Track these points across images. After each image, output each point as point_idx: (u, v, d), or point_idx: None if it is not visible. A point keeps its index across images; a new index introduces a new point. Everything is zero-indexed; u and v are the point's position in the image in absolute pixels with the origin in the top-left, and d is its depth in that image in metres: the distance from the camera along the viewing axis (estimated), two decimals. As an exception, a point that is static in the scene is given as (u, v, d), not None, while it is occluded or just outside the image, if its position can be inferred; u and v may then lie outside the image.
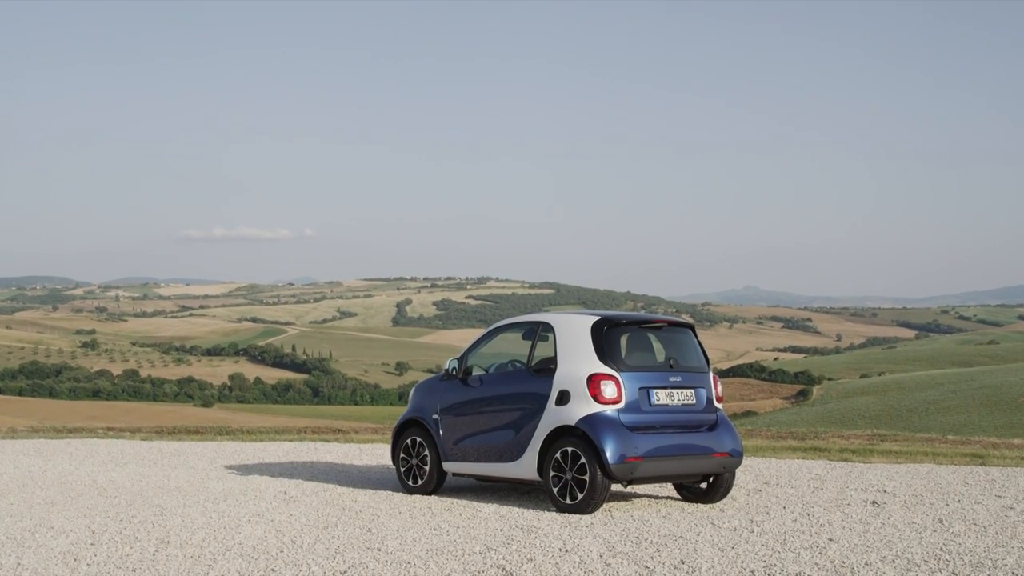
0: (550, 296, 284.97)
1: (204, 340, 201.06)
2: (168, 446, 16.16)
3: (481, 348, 10.62)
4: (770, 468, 12.65)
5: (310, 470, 12.75)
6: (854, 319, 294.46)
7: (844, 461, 13.40)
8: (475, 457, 10.18)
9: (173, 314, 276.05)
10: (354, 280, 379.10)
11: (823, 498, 10.10)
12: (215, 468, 13.04)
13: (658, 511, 9.36)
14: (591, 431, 9.11)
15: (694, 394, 9.74)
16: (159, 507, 9.54)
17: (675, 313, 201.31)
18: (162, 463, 13.72)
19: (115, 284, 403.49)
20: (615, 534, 8.09)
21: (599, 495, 9.11)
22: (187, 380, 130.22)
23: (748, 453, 14.05)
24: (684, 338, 10.11)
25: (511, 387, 9.99)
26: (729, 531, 8.25)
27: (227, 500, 9.96)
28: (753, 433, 17.80)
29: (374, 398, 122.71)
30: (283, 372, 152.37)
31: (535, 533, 8.13)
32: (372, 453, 15.03)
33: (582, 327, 9.64)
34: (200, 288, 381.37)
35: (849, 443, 15.51)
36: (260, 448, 15.77)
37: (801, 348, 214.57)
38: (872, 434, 17.16)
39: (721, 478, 9.86)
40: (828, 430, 18.59)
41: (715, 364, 58.11)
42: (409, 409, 10.99)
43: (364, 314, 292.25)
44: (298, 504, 9.73)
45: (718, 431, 9.75)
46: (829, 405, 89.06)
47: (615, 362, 9.42)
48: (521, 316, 10.61)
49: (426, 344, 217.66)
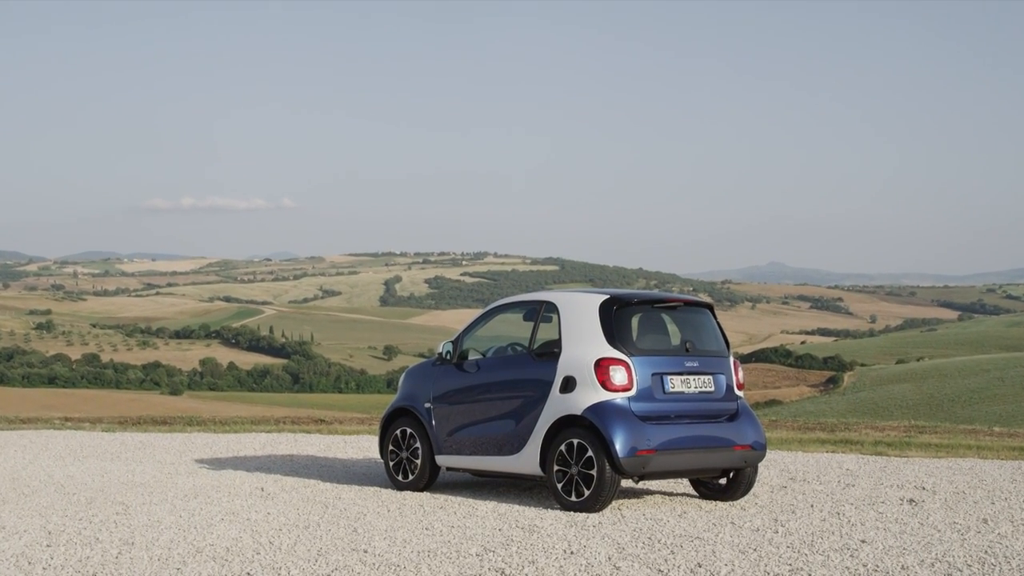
0: (554, 273, 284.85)
1: (172, 321, 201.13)
2: (132, 438, 16.19)
3: (478, 330, 10.62)
4: (796, 462, 12.68)
5: (289, 464, 12.78)
6: (890, 299, 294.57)
7: (878, 455, 13.43)
8: (471, 450, 10.20)
9: (137, 292, 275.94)
10: (338, 255, 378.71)
11: (855, 495, 10.12)
12: (184, 462, 13.07)
13: (672, 509, 9.39)
14: (599, 421, 9.13)
15: (712, 381, 9.75)
16: (122, 505, 9.57)
17: (692, 292, 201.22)
18: (126, 457, 13.75)
19: (73, 259, 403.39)
20: (625, 535, 8.11)
21: (608, 492, 9.13)
22: (153, 365, 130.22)
23: (772, 446, 14.09)
24: (702, 319, 10.11)
25: (511, 373, 10.00)
26: (751, 531, 8.27)
27: (198, 497, 9.98)
28: (778, 424, 17.84)
29: (360, 385, 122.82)
30: (260, 357, 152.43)
31: (537, 533, 8.15)
32: (358, 446, 15.06)
33: (589, 307, 9.64)
34: (167, 264, 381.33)
35: (884, 435, 15.54)
36: (234, 440, 15.80)
37: (831, 331, 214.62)
38: (909, 425, 17.20)
39: (742, 473, 9.88)
40: (861, 421, 18.63)
41: (736, 348, 57.99)
42: (398, 397, 11.00)
43: (349, 293, 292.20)
44: (276, 502, 9.76)
45: (739, 421, 9.77)
46: (862, 393, 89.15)
47: (625, 345, 9.42)
48: (522, 295, 10.61)
49: (417, 326, 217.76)
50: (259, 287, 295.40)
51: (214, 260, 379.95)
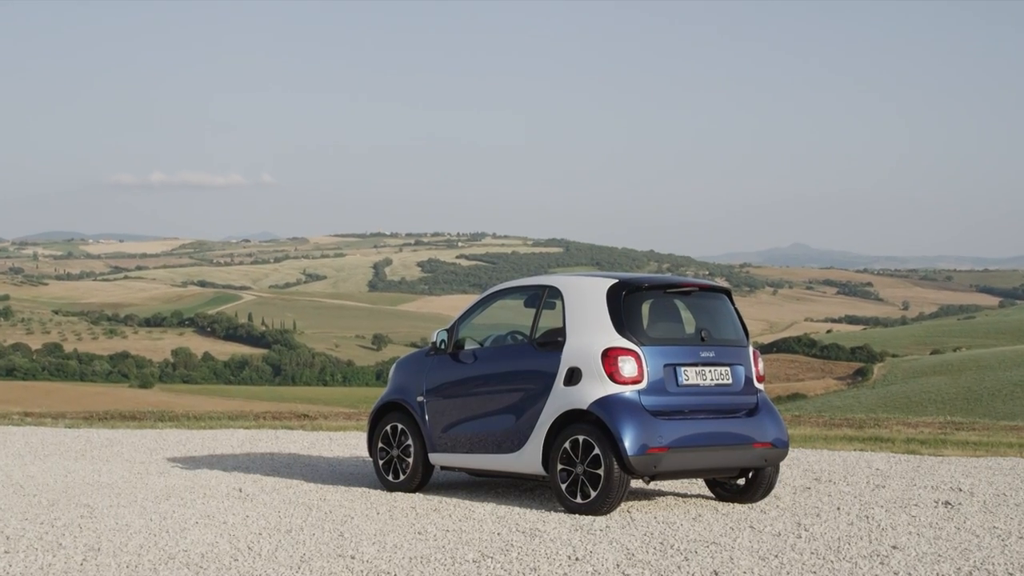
0: (558, 256, 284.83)
1: (142, 308, 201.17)
2: (98, 435, 16.21)
3: (475, 317, 10.64)
4: (821, 461, 12.70)
5: (270, 463, 12.80)
6: (924, 283, 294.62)
7: (911, 454, 13.44)
8: (468, 447, 10.21)
9: (103, 276, 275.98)
10: (322, 236, 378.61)
11: (885, 497, 10.14)
12: (155, 461, 13.09)
13: (686, 512, 9.41)
14: (606, 416, 9.14)
15: (730, 372, 9.76)
16: (88, 508, 9.58)
17: (708, 276, 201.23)
18: (91, 455, 13.77)
19: (32, 240, 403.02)
20: (635, 539, 8.13)
21: (616, 493, 9.15)
22: (121, 356, 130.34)
23: (795, 443, 14.10)
24: (718, 305, 10.12)
25: (511, 364, 10.02)
26: (772, 536, 8.29)
27: (170, 499, 10.00)
28: (801, 420, 17.86)
29: (347, 377, 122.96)
30: (237, 346, 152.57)
31: (539, 538, 8.17)
32: (344, 443, 15.08)
33: (596, 292, 9.64)
34: (136, 245, 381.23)
35: (917, 432, 15.56)
36: (210, 437, 15.82)
37: (860, 318, 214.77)
38: (945, 421, 17.22)
39: (762, 473, 9.90)
40: (892, 416, 18.65)
41: (756, 337, 57.66)
42: (389, 390, 11.02)
43: (335, 277, 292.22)
44: (256, 504, 9.78)
45: (759, 417, 9.78)
46: (893, 387, 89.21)
47: (635, 334, 9.43)
48: (523, 279, 10.63)
49: (409, 313, 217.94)
50: (237, 270, 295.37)
51: (187, 241, 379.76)
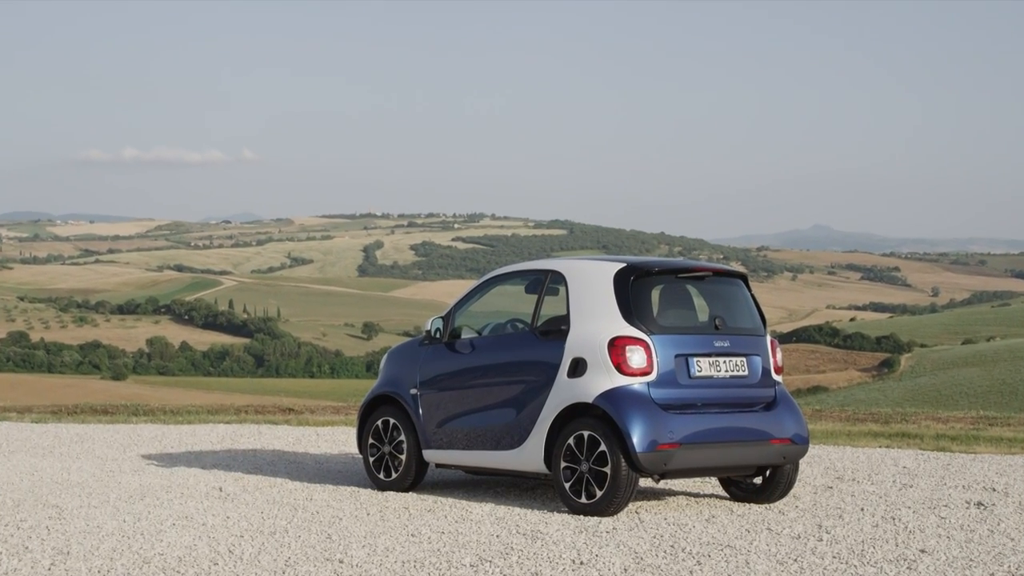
0: (561, 238, 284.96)
1: (114, 294, 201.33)
2: (68, 430, 16.22)
3: (472, 304, 10.64)
4: (844, 459, 12.71)
5: (252, 460, 12.81)
6: (955, 268, 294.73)
7: (941, 451, 13.45)
8: (464, 443, 10.22)
9: (73, 260, 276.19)
10: (309, 217, 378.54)
11: (913, 498, 10.15)
12: (129, 458, 13.10)
13: (699, 513, 9.42)
14: (613, 410, 9.14)
15: (746, 363, 9.76)
16: (56, 508, 9.59)
17: (722, 260, 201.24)
18: (60, 452, 13.78)
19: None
20: (643, 542, 8.14)
21: (623, 492, 9.16)
22: (92, 346, 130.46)
23: (815, 440, 14.11)
24: (734, 291, 10.12)
25: (511, 354, 10.03)
26: (791, 539, 8.30)
27: (145, 499, 10.01)
28: (822, 414, 17.87)
29: (335, 369, 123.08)
30: (217, 335, 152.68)
31: (541, 540, 8.18)
32: (332, 439, 15.10)
33: (602, 277, 9.64)
34: (108, 226, 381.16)
35: (947, 428, 15.57)
36: (188, 432, 15.83)
37: (886, 306, 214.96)
38: (977, 416, 17.22)
39: (780, 472, 9.90)
40: (920, 411, 18.65)
41: (774, 325, 57.42)
42: (380, 383, 11.03)
43: (322, 261, 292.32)
44: (237, 504, 9.79)
45: (777, 411, 9.79)
46: (922, 379, 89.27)
47: (644, 322, 9.43)
48: (524, 263, 10.63)
49: (401, 299, 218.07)
50: (216, 254, 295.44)
51: (163, 222, 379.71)
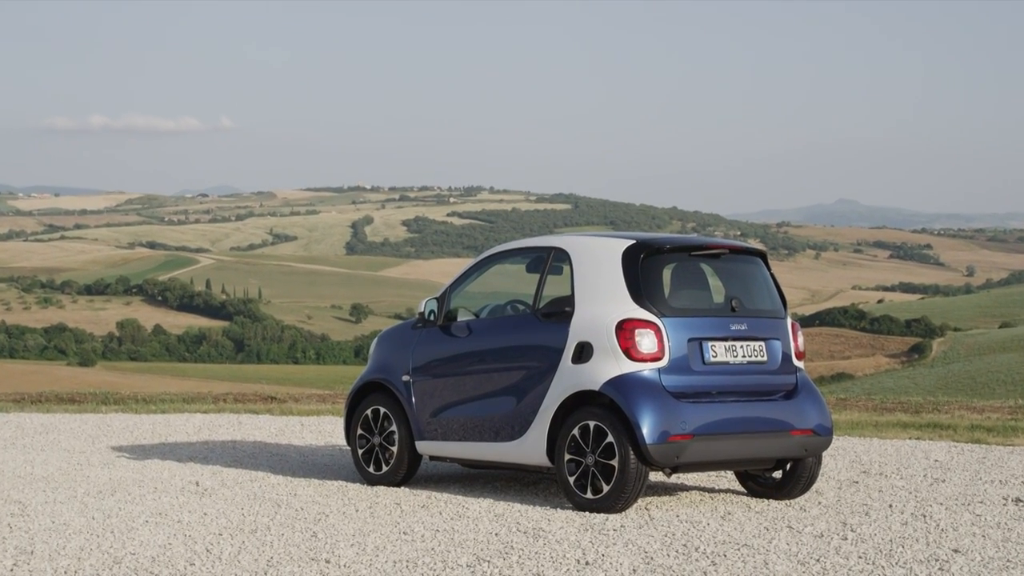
0: (565, 213, 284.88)
1: (82, 273, 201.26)
2: (31, 420, 16.23)
3: (469, 284, 10.63)
4: (871, 452, 12.72)
5: (232, 452, 12.83)
6: (992, 245, 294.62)
7: (976, 443, 13.46)
8: (461, 434, 10.23)
9: (37, 236, 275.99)
10: (293, 191, 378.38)
11: (946, 493, 10.16)
12: (98, 450, 13.11)
13: (714, 510, 9.43)
14: (621, 399, 9.15)
15: (765, 348, 9.76)
16: (19, 504, 9.60)
17: (739, 237, 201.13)
18: (23, 443, 13.79)
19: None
20: (654, 541, 8.15)
21: (632, 487, 9.16)
22: (58, 329, 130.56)
23: (840, 431, 14.13)
24: (752, 271, 10.11)
25: (511, 338, 10.03)
26: (813, 538, 8.31)
27: (115, 494, 10.02)
28: (847, 403, 17.88)
29: (320, 354, 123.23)
30: (194, 317, 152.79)
31: (544, 539, 8.19)
32: (318, 429, 15.11)
33: (609, 255, 9.63)
34: (75, 200, 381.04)
35: (983, 418, 15.58)
36: (162, 422, 15.84)
37: (916, 286, 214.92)
38: (1016, 406, 17.23)
39: (802, 465, 9.91)
40: (953, 400, 18.67)
41: (795, 307, 57.37)
42: (369, 369, 11.03)
43: (307, 238, 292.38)
44: (215, 499, 9.80)
45: (798, 400, 9.79)
46: (955, 366, 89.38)
47: (655, 303, 9.42)
48: (525, 240, 10.63)
49: (393, 279, 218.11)
50: (192, 230, 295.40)
51: (134, 196, 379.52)
